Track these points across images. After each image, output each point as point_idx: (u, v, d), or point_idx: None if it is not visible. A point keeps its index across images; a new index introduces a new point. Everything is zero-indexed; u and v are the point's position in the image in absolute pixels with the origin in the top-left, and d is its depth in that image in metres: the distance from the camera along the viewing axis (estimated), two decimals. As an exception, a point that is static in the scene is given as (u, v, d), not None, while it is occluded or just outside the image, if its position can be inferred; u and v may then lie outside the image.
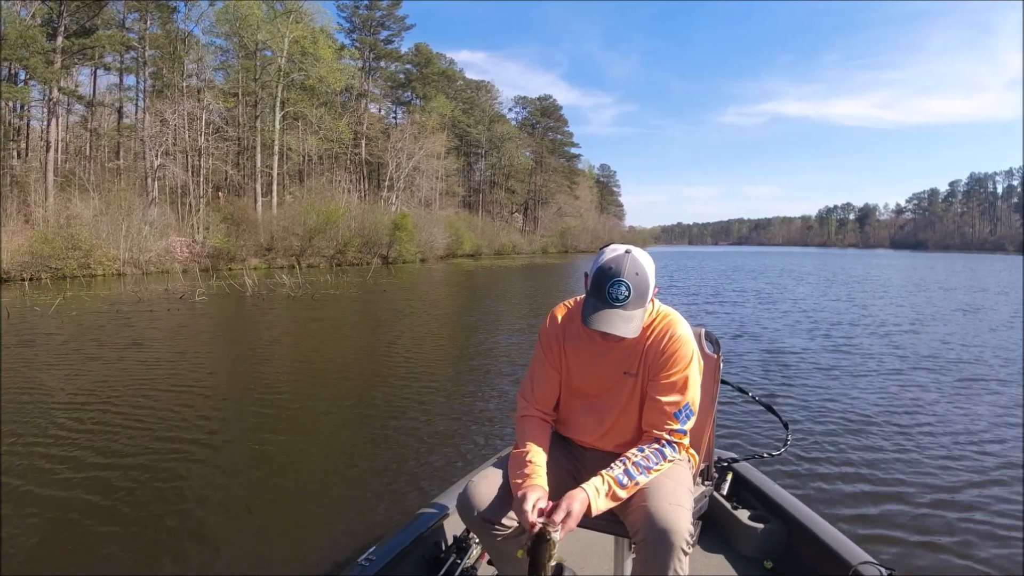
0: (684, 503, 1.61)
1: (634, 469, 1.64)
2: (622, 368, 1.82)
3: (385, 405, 6.15)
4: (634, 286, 1.65)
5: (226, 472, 4.29)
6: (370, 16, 55.62)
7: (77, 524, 3.45)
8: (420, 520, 2.35)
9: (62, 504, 3.69)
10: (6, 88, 28.39)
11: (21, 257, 22.25)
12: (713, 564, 2.50)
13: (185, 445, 4.81)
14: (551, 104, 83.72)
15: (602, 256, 1.74)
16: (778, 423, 2.63)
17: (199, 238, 32.22)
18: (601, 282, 1.67)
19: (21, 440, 4.87)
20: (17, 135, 32.98)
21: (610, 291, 1.65)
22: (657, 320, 1.82)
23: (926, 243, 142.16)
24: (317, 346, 9.81)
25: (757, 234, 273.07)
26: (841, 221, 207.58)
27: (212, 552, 3.21)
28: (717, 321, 12.74)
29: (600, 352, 1.85)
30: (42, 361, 8.20)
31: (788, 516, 2.50)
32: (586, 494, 1.56)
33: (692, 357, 1.78)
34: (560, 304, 1.98)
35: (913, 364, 8.27)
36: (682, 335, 1.79)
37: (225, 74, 41.96)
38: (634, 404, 1.83)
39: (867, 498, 3.85)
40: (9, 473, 4.15)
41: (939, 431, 5.25)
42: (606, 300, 1.65)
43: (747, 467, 2.87)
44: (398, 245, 39.65)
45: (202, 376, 7.39)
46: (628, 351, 1.81)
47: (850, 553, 2.13)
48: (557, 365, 1.91)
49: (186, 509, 3.67)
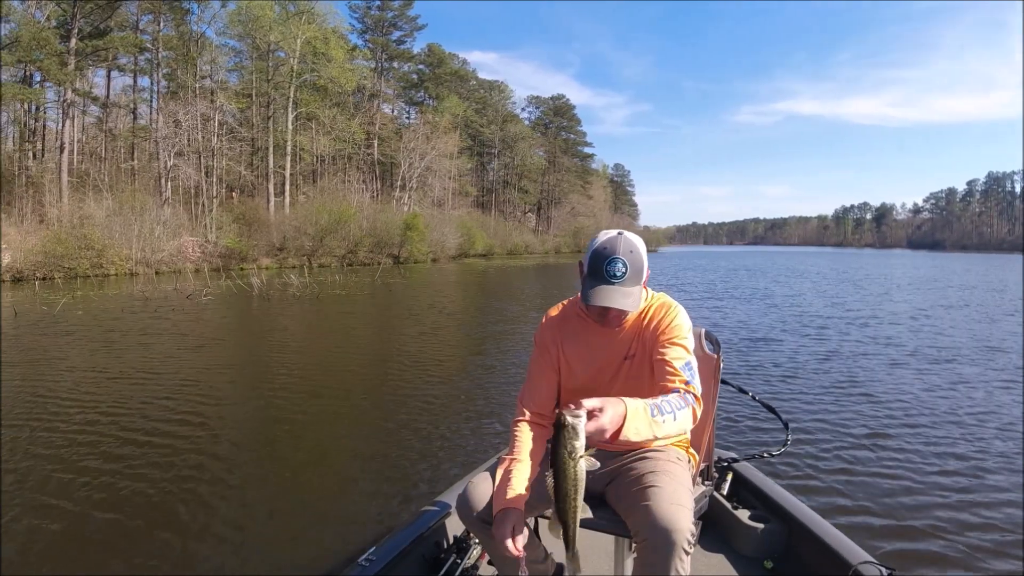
0: (685, 503, 1.60)
1: (666, 406, 1.57)
2: (621, 355, 1.86)
3: (384, 405, 6.12)
4: (630, 263, 1.71)
5: (225, 472, 4.27)
6: (382, 17, 55.79)
7: (73, 524, 3.44)
8: (420, 520, 2.36)
9: (56, 505, 3.68)
10: (20, 90, 28.69)
11: (34, 257, 22.49)
12: (713, 564, 2.49)
13: (181, 443, 4.80)
14: (564, 103, 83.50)
15: (596, 240, 1.79)
16: (778, 423, 2.63)
17: (212, 238, 32.41)
18: (598, 263, 1.72)
19: (26, 439, 4.87)
20: (33, 136, 33.39)
21: (608, 269, 1.70)
22: (654, 304, 1.86)
23: (944, 243, 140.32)
24: (308, 346, 9.77)
25: (773, 234, 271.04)
26: (858, 221, 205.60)
27: (212, 552, 3.19)
28: (715, 315, 12.55)
29: (599, 345, 1.88)
30: (43, 359, 8.21)
31: (788, 516, 2.50)
32: (625, 406, 1.47)
33: (687, 327, 1.83)
34: (554, 306, 2.02)
35: (913, 364, 8.24)
36: (677, 310, 1.84)
37: (239, 75, 42.32)
38: (635, 384, 1.82)
39: (867, 498, 3.84)
40: (14, 472, 4.15)
41: (939, 430, 5.24)
42: (604, 278, 1.71)
43: (747, 467, 2.88)
44: (409, 245, 39.70)
45: (199, 376, 7.33)
46: (626, 337, 1.85)
47: (850, 553, 2.13)
48: (555, 366, 1.93)
49: (186, 509, 3.65)
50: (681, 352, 1.76)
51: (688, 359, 1.76)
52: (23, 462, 4.35)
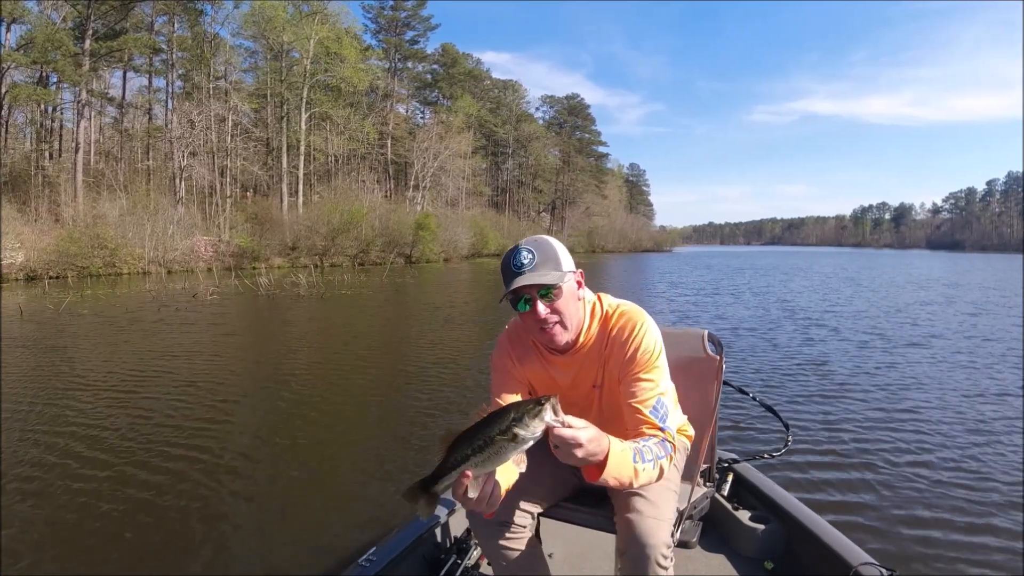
0: (666, 516, 1.60)
1: (647, 452, 1.52)
2: (588, 383, 1.77)
3: (384, 405, 6.17)
4: (536, 249, 1.66)
5: (225, 472, 4.26)
6: (395, 17, 55.94)
7: (66, 524, 3.44)
8: (420, 521, 2.34)
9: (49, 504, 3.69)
10: (35, 91, 29.05)
11: (48, 256, 22.74)
12: (714, 565, 2.48)
13: (178, 441, 4.84)
14: (578, 103, 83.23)
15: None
16: (779, 424, 2.63)
17: (224, 237, 32.63)
18: (505, 262, 1.68)
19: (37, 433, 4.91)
20: (49, 136, 33.82)
21: (513, 261, 1.65)
22: (614, 321, 1.74)
23: (963, 243, 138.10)
24: (306, 346, 9.73)
25: (790, 234, 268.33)
26: (876, 221, 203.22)
27: (213, 551, 3.19)
28: (714, 314, 12.34)
29: (560, 371, 1.79)
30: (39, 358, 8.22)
31: (789, 517, 2.49)
32: (609, 442, 1.39)
33: (656, 347, 1.70)
34: (504, 331, 1.92)
35: (914, 363, 8.26)
36: (641, 328, 1.71)
37: (254, 76, 42.66)
38: (611, 415, 1.73)
39: (868, 498, 3.86)
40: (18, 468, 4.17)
41: (940, 431, 5.25)
42: (512, 271, 1.65)
43: (748, 468, 2.88)
44: (421, 245, 39.72)
45: (196, 374, 7.28)
46: (589, 363, 1.76)
47: (850, 553, 2.11)
48: (522, 383, 1.83)
49: (185, 509, 3.64)
50: (650, 388, 1.64)
51: (658, 395, 1.64)
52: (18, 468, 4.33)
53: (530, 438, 1.19)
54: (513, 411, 1.20)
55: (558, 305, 1.65)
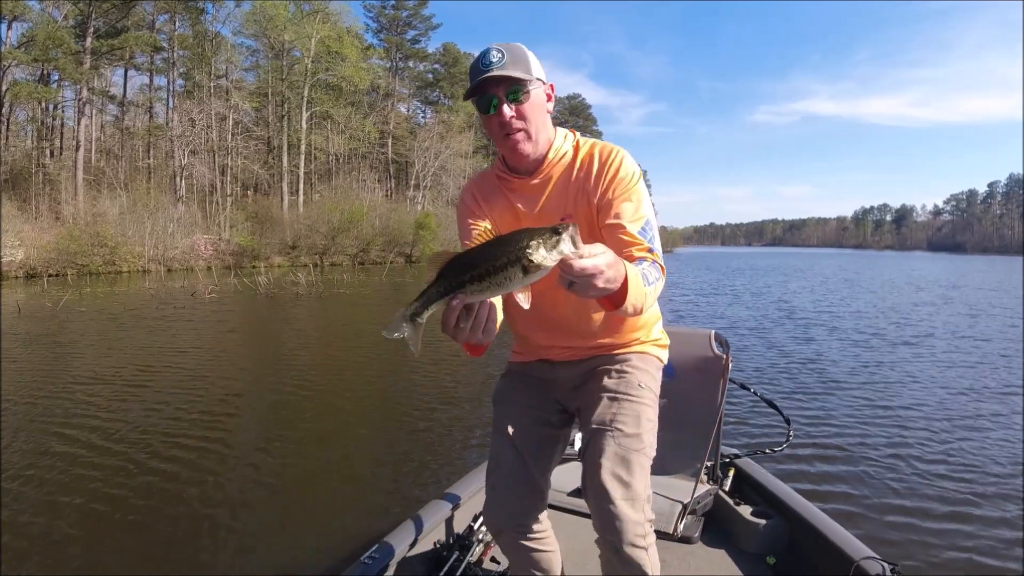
0: (639, 494, 1.48)
1: (648, 274, 1.33)
2: (558, 213, 1.59)
3: (383, 405, 6.16)
4: (506, 50, 1.50)
5: (224, 472, 4.24)
6: (396, 16, 55.85)
7: (70, 524, 3.42)
8: (422, 518, 2.38)
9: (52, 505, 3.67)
10: (36, 88, 29.07)
11: (47, 253, 22.75)
12: (716, 560, 2.47)
13: (176, 441, 4.80)
14: (580, 103, 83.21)
15: None
16: (780, 420, 2.66)
17: (225, 236, 32.63)
18: (474, 63, 1.52)
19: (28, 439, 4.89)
20: (50, 134, 33.84)
21: (481, 60, 1.49)
22: (586, 149, 1.61)
23: (964, 245, 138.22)
24: (305, 345, 9.71)
25: (791, 235, 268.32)
26: (877, 222, 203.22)
27: (213, 551, 3.18)
28: (713, 312, 12.35)
29: (527, 199, 1.64)
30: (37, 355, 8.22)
31: (790, 512, 2.49)
32: (624, 264, 1.20)
33: (635, 174, 1.57)
34: (469, 180, 1.80)
35: (914, 363, 8.26)
36: (618, 153, 1.58)
37: (256, 75, 42.67)
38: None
39: (869, 493, 3.87)
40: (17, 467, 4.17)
41: (941, 428, 5.27)
42: (479, 69, 1.49)
43: (750, 463, 2.89)
44: (421, 244, 39.69)
45: (194, 374, 7.28)
46: (560, 191, 1.61)
47: (852, 548, 2.11)
48: (490, 226, 1.67)
49: (185, 509, 3.63)
50: (634, 209, 1.51)
51: (645, 217, 1.51)
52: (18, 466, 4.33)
53: (543, 270, 1.06)
54: (526, 237, 1.06)
55: (524, 109, 1.52)
